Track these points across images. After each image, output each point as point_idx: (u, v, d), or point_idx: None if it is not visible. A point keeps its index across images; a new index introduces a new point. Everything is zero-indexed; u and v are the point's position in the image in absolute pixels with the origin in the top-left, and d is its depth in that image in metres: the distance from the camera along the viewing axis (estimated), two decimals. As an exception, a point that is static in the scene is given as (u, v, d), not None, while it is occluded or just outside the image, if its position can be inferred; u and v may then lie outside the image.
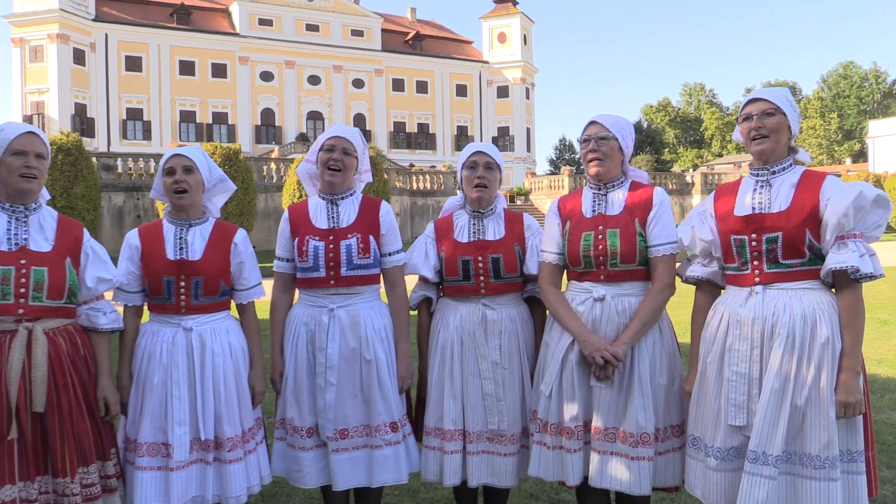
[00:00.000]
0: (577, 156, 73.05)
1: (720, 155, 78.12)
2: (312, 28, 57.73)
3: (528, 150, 64.02)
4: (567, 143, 75.58)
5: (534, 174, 47.65)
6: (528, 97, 64.79)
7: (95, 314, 2.69)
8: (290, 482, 2.98)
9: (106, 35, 51.17)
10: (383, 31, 60.71)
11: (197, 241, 2.79)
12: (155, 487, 2.64)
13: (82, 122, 48.75)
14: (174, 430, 2.64)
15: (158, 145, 50.84)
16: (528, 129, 64.32)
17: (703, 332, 2.69)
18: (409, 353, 3.04)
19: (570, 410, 2.74)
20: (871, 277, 2.38)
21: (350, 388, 2.87)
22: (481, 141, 61.19)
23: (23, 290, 2.48)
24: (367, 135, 58.24)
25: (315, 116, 57.74)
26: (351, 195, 3.04)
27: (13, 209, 2.59)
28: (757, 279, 2.52)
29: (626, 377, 2.71)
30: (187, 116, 53.82)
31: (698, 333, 2.72)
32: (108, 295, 2.80)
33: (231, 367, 2.78)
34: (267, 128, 56.05)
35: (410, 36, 62.12)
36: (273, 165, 28.96)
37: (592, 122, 2.84)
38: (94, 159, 22.41)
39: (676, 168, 66.08)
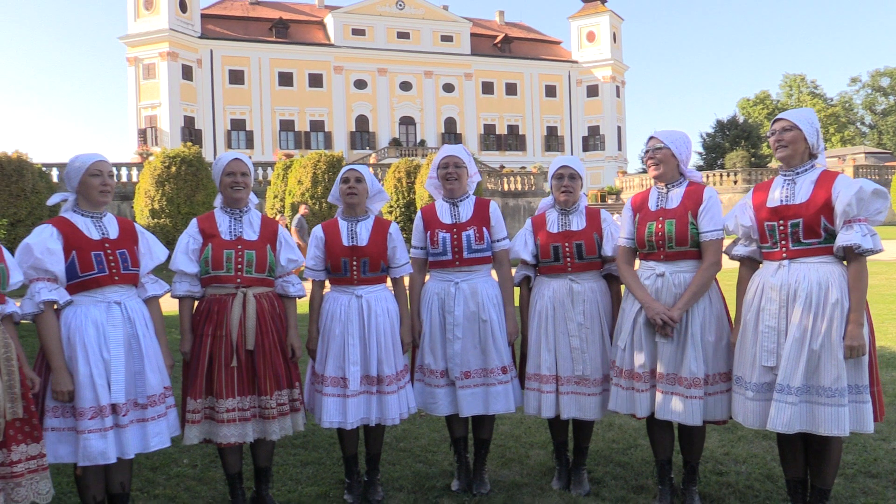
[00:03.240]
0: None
1: (823, 148, 75.12)
2: (403, 36, 59.40)
3: (619, 148, 63.68)
4: (659, 141, 74.37)
5: (625, 173, 47.61)
6: (618, 95, 64.47)
7: (287, 285, 3.76)
8: (427, 412, 3.96)
9: (211, 51, 54.11)
10: (472, 35, 61.78)
11: (363, 232, 3.83)
12: (336, 409, 3.67)
13: (190, 134, 51.62)
14: (349, 367, 3.67)
15: (260, 154, 53.42)
16: (618, 128, 63.99)
17: (744, 297, 3.47)
18: (515, 315, 3.98)
19: (640, 360, 3.59)
20: (872, 252, 3.12)
21: (471, 340, 3.84)
22: (571, 141, 61.77)
23: (239, 266, 3.55)
24: (458, 138, 59.43)
25: (407, 121, 59.37)
26: (467, 198, 4.01)
27: (231, 212, 3.68)
28: (784, 255, 3.29)
29: (682, 334, 3.53)
30: (286, 125, 56.29)
31: (741, 298, 3.50)
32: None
33: (389, 324, 3.79)
34: (361, 134, 58.01)
35: (499, 39, 62.97)
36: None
37: (651, 138, 3.67)
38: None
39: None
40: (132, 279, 3.36)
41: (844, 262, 3.24)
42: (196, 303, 3.65)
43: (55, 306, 3.16)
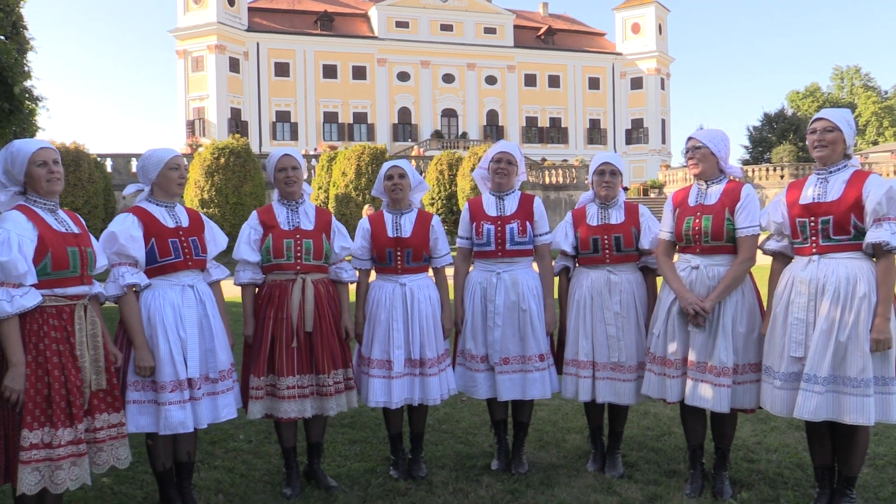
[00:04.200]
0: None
1: (875, 143, 72.99)
2: (447, 28, 59.41)
3: (663, 142, 62.80)
4: (704, 134, 73.29)
5: (668, 166, 47.12)
6: (662, 88, 63.58)
7: (340, 271, 4.03)
8: (468, 395, 4.20)
9: (258, 44, 54.73)
10: (515, 27, 61.48)
11: (407, 224, 4.06)
12: (381, 389, 3.92)
13: (237, 126, 52.33)
14: (394, 351, 3.92)
15: (304, 145, 54.00)
16: (662, 121, 63.13)
17: (775, 290, 3.61)
18: (554, 306, 4.16)
19: (672, 347, 3.76)
20: (901, 249, 3.23)
21: (511, 328, 4.04)
22: (614, 134, 61.28)
23: (298, 254, 3.82)
24: (500, 130, 59.40)
25: (449, 114, 59.42)
26: (513, 192, 4.22)
27: (288, 204, 3.95)
28: (814, 250, 3.43)
29: (714, 325, 3.69)
30: (330, 117, 56.72)
31: (772, 291, 3.64)
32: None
33: (430, 310, 4.03)
34: (403, 126, 58.23)
35: (542, 31, 62.56)
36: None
37: (690, 139, 3.82)
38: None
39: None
40: (201, 264, 3.65)
41: (873, 259, 3.36)
42: (257, 289, 3.93)
43: (135, 289, 3.46)
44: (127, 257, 3.43)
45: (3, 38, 9.77)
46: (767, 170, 36.77)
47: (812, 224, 3.44)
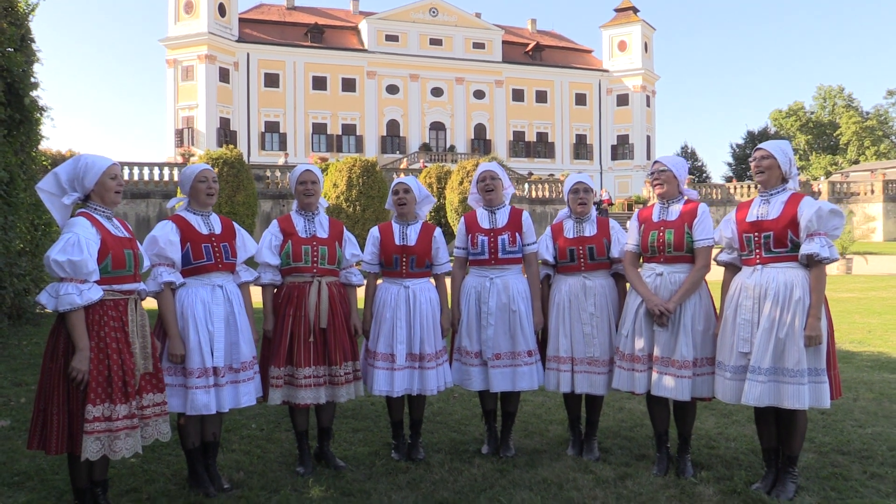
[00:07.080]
0: (700, 163, 73.04)
1: (856, 162, 74.35)
2: (436, 42, 60.29)
3: (648, 157, 63.88)
4: (689, 151, 74.67)
5: (652, 182, 47.90)
6: (648, 105, 64.76)
7: (350, 275, 4.56)
8: (463, 388, 4.74)
9: (248, 54, 55.22)
10: (504, 42, 62.49)
11: (412, 234, 4.61)
12: (384, 379, 4.46)
13: (226, 135, 52.68)
14: (397, 346, 4.46)
15: (293, 156, 54.53)
16: (648, 137, 64.25)
17: (726, 295, 4.19)
18: (541, 308, 4.72)
19: (639, 345, 4.33)
20: (829, 260, 3.83)
21: (502, 327, 4.60)
22: (600, 150, 62.22)
23: (315, 259, 4.35)
24: (487, 144, 60.22)
25: (437, 127, 60.17)
26: (503, 207, 4.79)
27: (305, 214, 4.48)
28: (758, 261, 4.02)
29: (676, 324, 4.26)
30: (319, 128, 57.25)
31: (724, 297, 4.22)
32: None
33: (430, 311, 4.57)
34: (392, 138, 58.89)
35: (530, 47, 63.62)
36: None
37: (656, 162, 4.42)
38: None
39: (803, 176, 63.64)
40: (231, 267, 4.18)
41: (807, 268, 3.94)
42: (276, 289, 4.45)
43: (172, 287, 3.98)
44: (165, 258, 3.96)
45: (12, 50, 10.18)
46: (749, 187, 37.67)
47: (756, 238, 4.03)
